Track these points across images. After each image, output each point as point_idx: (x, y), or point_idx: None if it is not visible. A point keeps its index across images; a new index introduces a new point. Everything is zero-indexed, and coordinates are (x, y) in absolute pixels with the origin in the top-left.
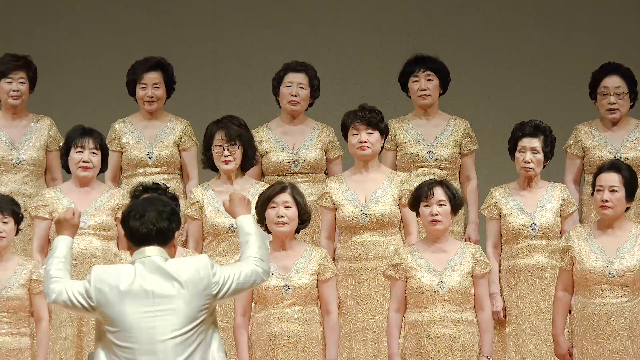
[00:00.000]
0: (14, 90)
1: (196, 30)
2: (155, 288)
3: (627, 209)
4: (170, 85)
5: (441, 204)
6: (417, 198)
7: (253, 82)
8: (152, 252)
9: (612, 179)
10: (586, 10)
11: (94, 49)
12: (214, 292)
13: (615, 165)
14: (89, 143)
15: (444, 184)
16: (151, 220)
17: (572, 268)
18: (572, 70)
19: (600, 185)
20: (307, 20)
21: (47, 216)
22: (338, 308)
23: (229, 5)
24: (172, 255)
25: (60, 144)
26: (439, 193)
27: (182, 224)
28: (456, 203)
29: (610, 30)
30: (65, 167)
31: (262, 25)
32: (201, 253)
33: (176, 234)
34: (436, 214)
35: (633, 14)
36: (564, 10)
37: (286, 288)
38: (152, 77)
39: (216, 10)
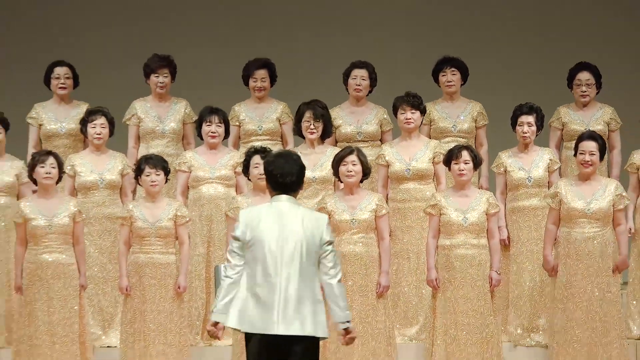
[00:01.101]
0: (160, 83)
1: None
2: (286, 224)
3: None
4: (273, 79)
5: (466, 162)
6: (449, 157)
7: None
8: (286, 198)
9: (591, 145)
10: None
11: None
12: (320, 248)
13: (592, 136)
14: (215, 119)
15: (469, 148)
16: (288, 175)
17: (560, 208)
18: (555, 68)
19: (583, 150)
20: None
21: (186, 170)
22: (390, 235)
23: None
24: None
25: (194, 119)
26: (465, 154)
27: None
28: (477, 162)
29: (584, 35)
30: (199, 136)
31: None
32: None
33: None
34: (463, 170)
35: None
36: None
37: (353, 221)
38: (261, 73)
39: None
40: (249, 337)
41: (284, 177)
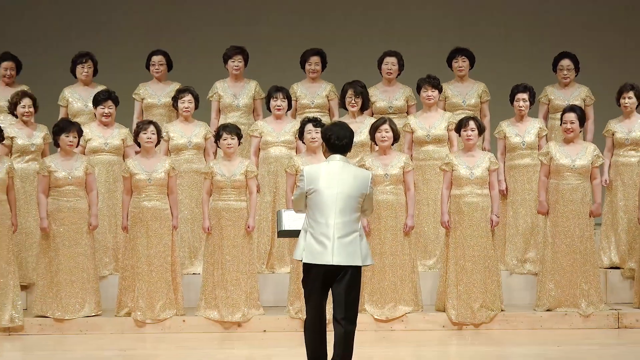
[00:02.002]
0: (235, 67)
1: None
2: (339, 176)
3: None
4: (324, 64)
5: (473, 130)
6: (460, 126)
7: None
8: (340, 157)
9: (572, 116)
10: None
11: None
12: (363, 198)
13: (573, 108)
14: (280, 95)
15: (475, 118)
16: (343, 139)
17: (550, 163)
18: (543, 56)
19: (565, 120)
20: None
21: (258, 135)
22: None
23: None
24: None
25: (263, 96)
26: (471, 124)
27: None
28: (481, 130)
29: (566, 31)
30: (268, 109)
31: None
32: None
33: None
34: (470, 135)
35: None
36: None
37: (386, 175)
38: (315, 59)
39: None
40: (308, 267)
41: (340, 140)
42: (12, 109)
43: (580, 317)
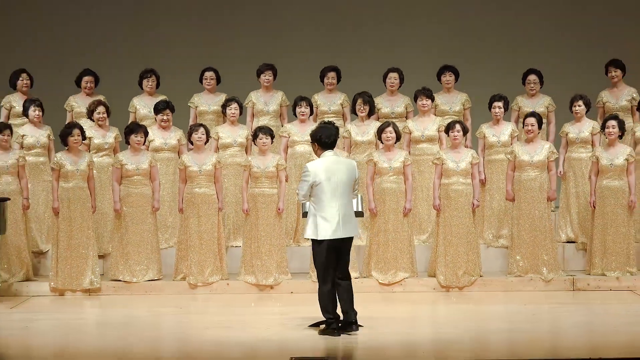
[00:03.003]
0: (266, 80)
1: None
2: (335, 167)
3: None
4: (339, 78)
5: (458, 131)
6: (448, 128)
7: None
8: (332, 153)
9: (532, 120)
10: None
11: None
12: (354, 181)
13: (533, 114)
14: (304, 103)
15: (460, 122)
16: (331, 136)
17: (515, 160)
18: (515, 71)
19: (527, 124)
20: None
21: (286, 136)
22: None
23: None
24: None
25: (288, 103)
26: (457, 126)
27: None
28: (465, 131)
29: (534, 50)
30: (294, 114)
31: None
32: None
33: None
34: (456, 136)
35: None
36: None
37: (390, 168)
38: (332, 74)
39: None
40: (319, 242)
41: (329, 138)
42: (89, 114)
43: (543, 282)
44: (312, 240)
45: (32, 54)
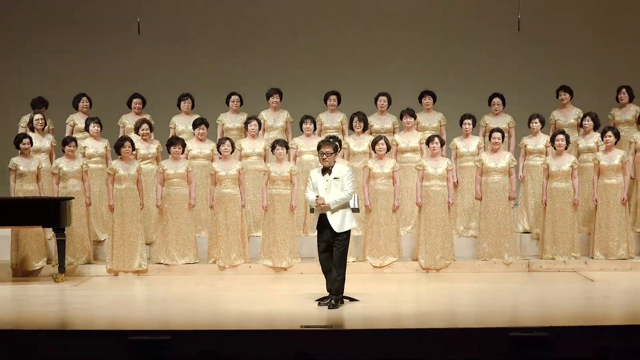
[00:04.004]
0: (274, 101)
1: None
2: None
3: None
4: (339, 100)
5: (436, 144)
6: (428, 141)
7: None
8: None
9: (498, 135)
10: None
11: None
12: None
13: (498, 129)
14: (309, 121)
15: (438, 136)
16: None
17: (482, 166)
18: (482, 96)
19: (493, 137)
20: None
21: (295, 147)
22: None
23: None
24: None
25: (292, 121)
26: (436, 140)
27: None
28: (442, 144)
29: (497, 77)
30: (301, 130)
31: None
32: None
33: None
34: (435, 147)
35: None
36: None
37: (381, 173)
38: (333, 97)
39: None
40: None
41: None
42: (136, 130)
43: (504, 265)
44: (349, 231)
45: (91, 81)
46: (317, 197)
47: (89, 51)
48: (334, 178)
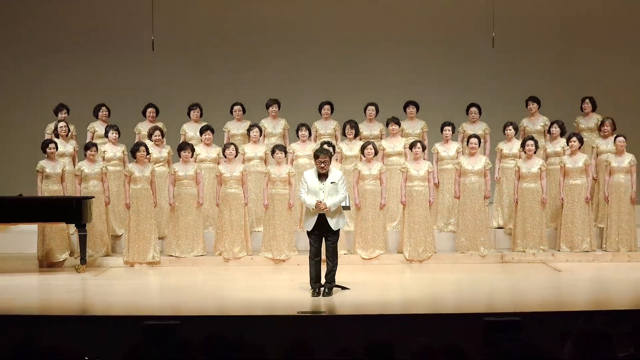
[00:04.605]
0: (273, 110)
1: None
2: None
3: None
4: (332, 110)
5: (419, 148)
6: (411, 146)
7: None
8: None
9: (475, 141)
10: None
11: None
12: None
13: (475, 136)
14: (304, 128)
15: (420, 141)
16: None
17: (460, 168)
18: (461, 105)
19: (471, 142)
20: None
21: (292, 152)
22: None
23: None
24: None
25: (289, 128)
26: (418, 145)
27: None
28: (423, 148)
29: (476, 89)
30: (297, 136)
31: None
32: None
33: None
34: (417, 152)
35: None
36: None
37: (370, 174)
38: (327, 107)
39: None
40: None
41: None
42: (150, 137)
43: (480, 257)
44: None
45: (110, 92)
46: (319, 202)
47: (108, 66)
48: (331, 182)
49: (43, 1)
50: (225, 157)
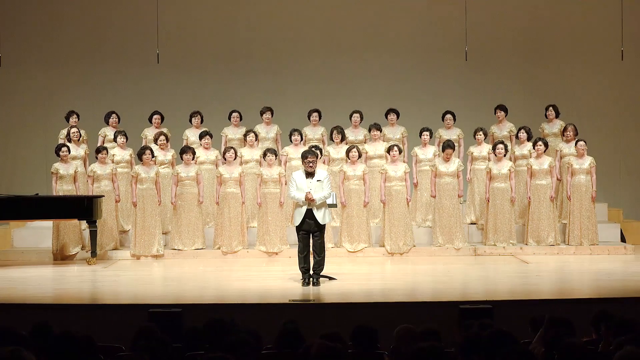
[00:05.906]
0: (266, 117)
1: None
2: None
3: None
4: (320, 116)
5: (396, 152)
6: (389, 149)
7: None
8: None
9: (449, 145)
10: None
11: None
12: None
13: (449, 144)
14: (296, 133)
15: (397, 145)
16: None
17: (436, 170)
18: (437, 112)
19: (445, 149)
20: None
21: (285, 154)
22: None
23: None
24: None
25: (281, 133)
26: (396, 148)
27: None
28: (400, 151)
29: (452, 95)
30: (290, 141)
31: None
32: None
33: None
34: (395, 155)
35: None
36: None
37: (354, 175)
38: (315, 114)
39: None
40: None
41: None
42: (155, 141)
43: (455, 250)
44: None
45: (119, 100)
46: (308, 192)
47: (117, 77)
48: (317, 180)
49: (58, 18)
50: (225, 159)
